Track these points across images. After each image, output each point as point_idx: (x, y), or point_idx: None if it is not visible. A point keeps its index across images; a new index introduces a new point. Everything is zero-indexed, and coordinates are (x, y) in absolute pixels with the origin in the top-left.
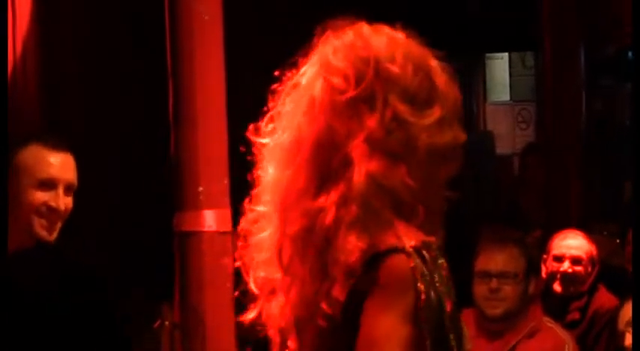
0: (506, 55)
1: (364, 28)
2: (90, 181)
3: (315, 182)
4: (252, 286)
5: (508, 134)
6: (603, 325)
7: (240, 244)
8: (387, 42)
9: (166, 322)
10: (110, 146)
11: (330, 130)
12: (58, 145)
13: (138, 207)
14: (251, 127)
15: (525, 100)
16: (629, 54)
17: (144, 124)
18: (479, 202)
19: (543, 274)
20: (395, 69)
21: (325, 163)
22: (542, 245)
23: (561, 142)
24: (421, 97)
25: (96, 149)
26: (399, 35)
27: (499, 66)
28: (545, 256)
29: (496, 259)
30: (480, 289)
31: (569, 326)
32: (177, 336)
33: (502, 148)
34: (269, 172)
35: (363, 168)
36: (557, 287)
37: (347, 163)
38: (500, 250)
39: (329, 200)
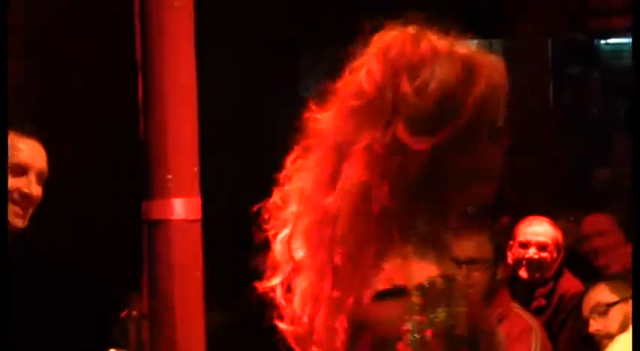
0: (474, 42)
1: (407, 33)
2: (58, 169)
3: (329, 180)
4: (276, 257)
5: None
6: (568, 311)
7: (267, 216)
8: (421, 53)
9: (134, 312)
10: (78, 134)
11: (343, 130)
12: (27, 132)
13: (106, 195)
14: (312, 103)
15: None
16: (598, 42)
17: (113, 111)
18: None
19: (510, 261)
20: (410, 89)
21: (337, 163)
22: (510, 232)
23: (530, 129)
24: (432, 120)
25: (64, 136)
26: (443, 43)
27: None
28: (511, 243)
29: (465, 246)
30: None
31: (536, 312)
32: (146, 326)
33: None
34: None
35: (350, 177)
36: (522, 273)
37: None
38: (469, 237)
39: (332, 204)
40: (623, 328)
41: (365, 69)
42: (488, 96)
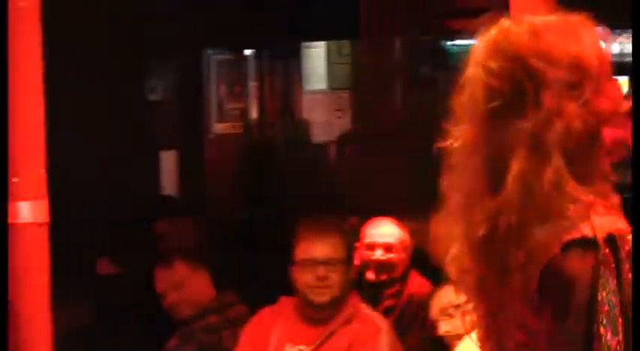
0: (323, 43)
1: (505, 23)
2: None
3: (490, 187)
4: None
5: (325, 122)
6: (415, 311)
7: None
8: (528, 35)
9: None
10: None
11: (491, 135)
12: None
13: None
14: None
15: (342, 89)
16: (447, 44)
17: None
18: (296, 190)
19: (357, 262)
20: (540, 64)
21: (492, 169)
22: (357, 232)
23: (376, 130)
24: (570, 83)
25: None
26: (539, 21)
27: (316, 54)
28: (357, 244)
29: (320, 247)
30: (305, 277)
31: (385, 313)
32: None
33: (319, 136)
34: (452, 175)
35: (517, 168)
36: (370, 275)
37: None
38: (324, 238)
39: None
40: (472, 328)
41: (482, 74)
42: (597, 49)
